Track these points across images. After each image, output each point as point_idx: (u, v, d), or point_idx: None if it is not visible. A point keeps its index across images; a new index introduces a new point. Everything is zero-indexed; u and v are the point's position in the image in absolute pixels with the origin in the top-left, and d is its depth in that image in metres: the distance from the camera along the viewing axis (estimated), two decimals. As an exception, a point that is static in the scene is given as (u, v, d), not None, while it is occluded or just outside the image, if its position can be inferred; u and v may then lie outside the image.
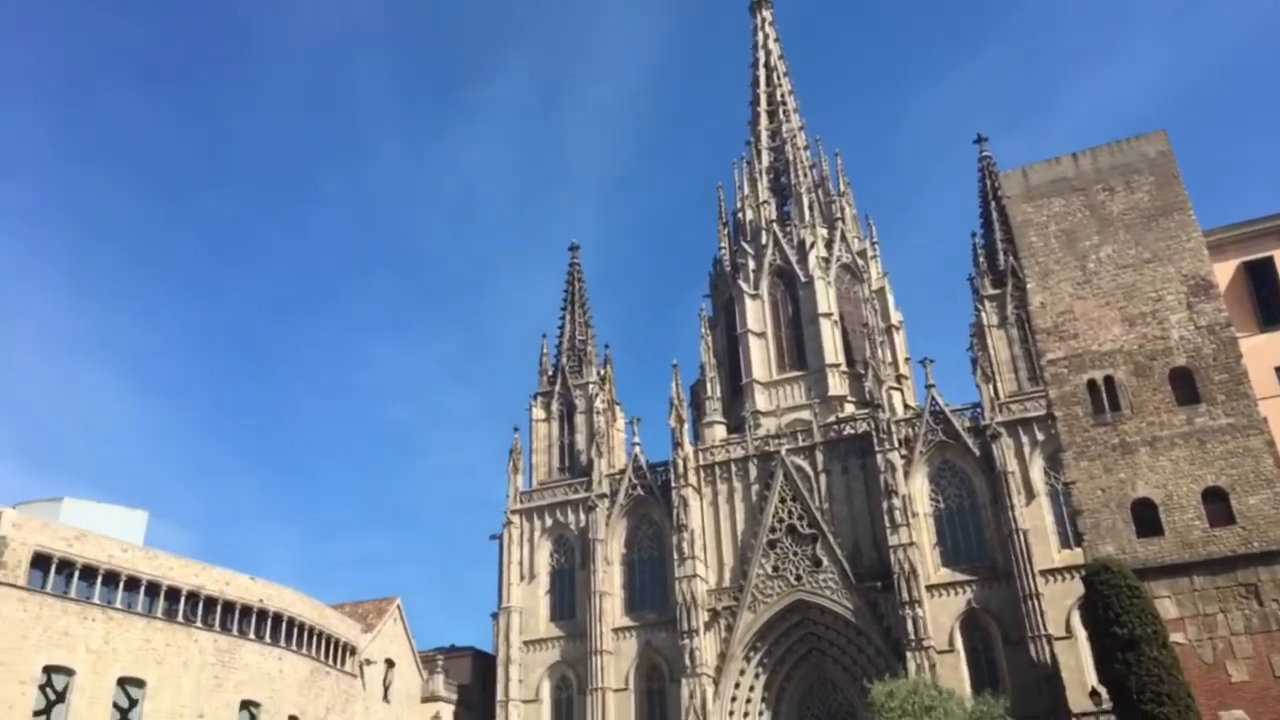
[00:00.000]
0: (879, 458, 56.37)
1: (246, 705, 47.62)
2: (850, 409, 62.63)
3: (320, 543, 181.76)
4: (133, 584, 43.64)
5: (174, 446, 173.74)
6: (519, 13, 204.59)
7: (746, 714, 56.23)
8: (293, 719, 49.92)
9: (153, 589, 44.41)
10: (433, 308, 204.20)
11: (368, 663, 58.49)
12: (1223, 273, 36.88)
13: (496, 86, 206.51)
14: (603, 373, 71.32)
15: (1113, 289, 37.14)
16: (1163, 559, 31.75)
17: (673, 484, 61.62)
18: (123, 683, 42.35)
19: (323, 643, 53.69)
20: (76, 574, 41.46)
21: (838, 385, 64.29)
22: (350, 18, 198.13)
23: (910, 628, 51.64)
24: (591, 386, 70.11)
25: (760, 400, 65.71)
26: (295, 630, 51.22)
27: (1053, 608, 50.48)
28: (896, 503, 54.62)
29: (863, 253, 72.86)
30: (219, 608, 47.19)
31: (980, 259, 63.63)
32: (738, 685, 56.28)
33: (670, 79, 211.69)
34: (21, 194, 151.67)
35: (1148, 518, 32.88)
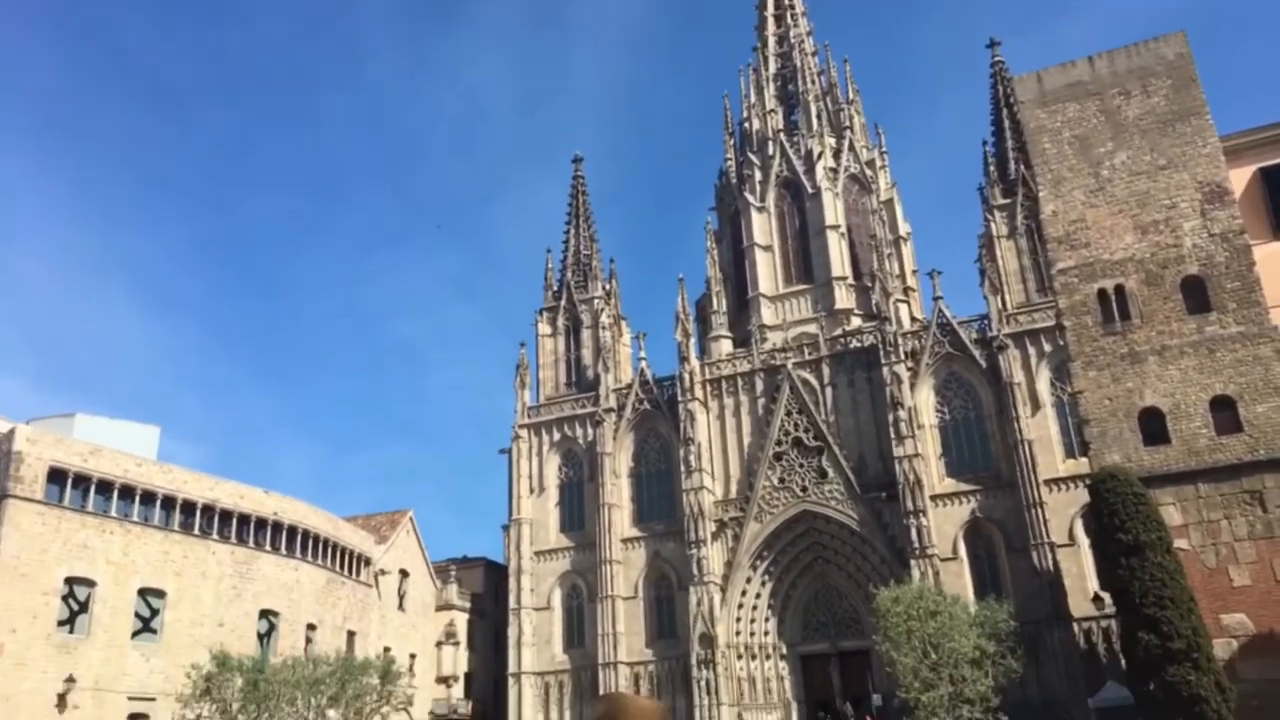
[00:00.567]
0: (885, 370, 56.44)
1: (265, 614, 48.80)
2: (857, 322, 62.47)
3: (332, 458, 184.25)
4: (149, 498, 44.28)
5: (183, 362, 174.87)
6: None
7: (753, 620, 57.50)
8: (310, 627, 51.20)
9: (169, 503, 45.10)
10: (436, 222, 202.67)
11: (382, 573, 59.70)
12: (1238, 179, 36.17)
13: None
14: (608, 287, 71.02)
15: (1126, 196, 36.55)
16: (1168, 467, 31.88)
17: (679, 398, 61.89)
18: (143, 593, 43.33)
19: (338, 554, 54.73)
20: (93, 489, 42.04)
21: (844, 298, 63.99)
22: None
23: (914, 536, 52.37)
24: (597, 301, 69.90)
25: (766, 314, 65.52)
26: (310, 542, 52.17)
27: (1056, 516, 51.10)
28: (902, 415, 54.85)
29: (871, 163, 71.76)
30: (234, 521, 47.97)
31: (991, 168, 62.77)
32: (744, 593, 57.43)
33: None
34: (24, 111, 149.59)
35: (1155, 427, 32.95)
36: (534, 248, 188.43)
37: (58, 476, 40.80)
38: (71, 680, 38.59)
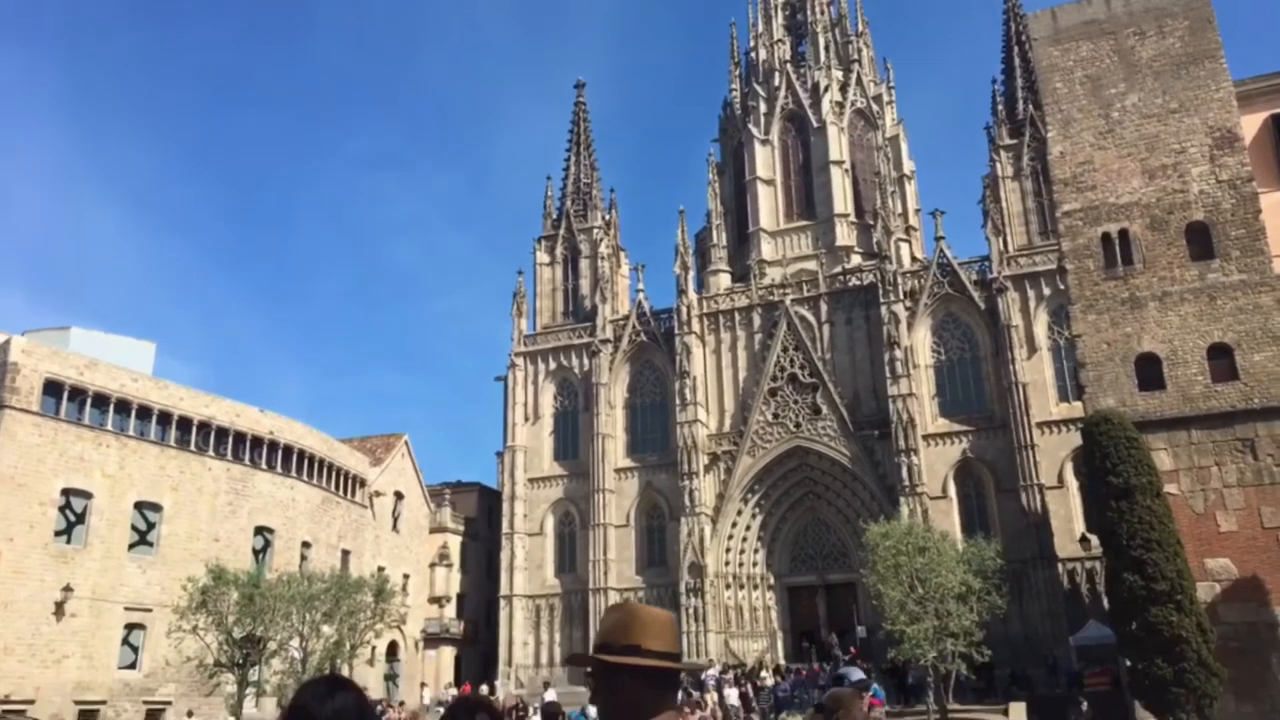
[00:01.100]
0: (883, 309, 56.38)
1: (261, 530, 49.36)
2: (857, 260, 62.19)
3: (327, 380, 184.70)
4: (144, 413, 44.43)
5: (178, 280, 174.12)
6: None
7: (742, 551, 58.30)
8: (305, 545, 51.86)
9: (164, 418, 45.26)
10: (433, 146, 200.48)
11: (377, 494, 60.27)
12: (1249, 125, 35.73)
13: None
14: (608, 217, 70.44)
15: (1135, 139, 36.13)
16: (1162, 412, 32.05)
17: (676, 331, 61.87)
18: (140, 506, 43.73)
19: (333, 474, 55.19)
20: (89, 402, 42.13)
21: (846, 235, 63.62)
22: None
23: (905, 474, 52.88)
24: (596, 231, 69.40)
25: (766, 249, 65.15)
26: (305, 461, 52.56)
27: (1046, 459, 51.57)
28: (898, 354, 54.98)
29: (878, 98, 70.65)
30: (230, 438, 48.23)
31: (999, 107, 61.95)
32: (734, 524, 58.13)
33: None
34: (15, 25, 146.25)
35: (1151, 373, 33.05)
36: (533, 175, 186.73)
37: (53, 389, 40.84)
38: (69, 589, 39.13)
